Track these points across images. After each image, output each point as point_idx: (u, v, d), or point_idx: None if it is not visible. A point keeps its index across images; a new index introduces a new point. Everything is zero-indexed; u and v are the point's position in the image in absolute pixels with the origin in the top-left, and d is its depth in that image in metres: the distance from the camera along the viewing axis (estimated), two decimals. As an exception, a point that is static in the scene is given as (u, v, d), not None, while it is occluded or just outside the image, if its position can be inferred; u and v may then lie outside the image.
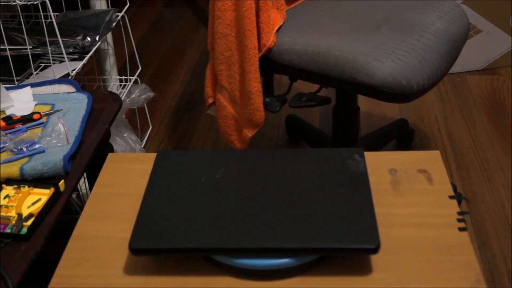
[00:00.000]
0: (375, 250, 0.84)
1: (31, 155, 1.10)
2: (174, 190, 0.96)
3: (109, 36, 1.87)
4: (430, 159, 1.07)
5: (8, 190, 1.04)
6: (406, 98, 1.43)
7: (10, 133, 1.17)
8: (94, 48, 1.61)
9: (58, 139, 1.13)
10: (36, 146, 1.12)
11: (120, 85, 1.94)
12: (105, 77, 1.93)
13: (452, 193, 1.00)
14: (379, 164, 1.06)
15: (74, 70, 1.52)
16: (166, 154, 1.04)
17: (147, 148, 2.02)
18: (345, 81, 1.40)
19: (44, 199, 1.01)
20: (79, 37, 1.61)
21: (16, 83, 1.48)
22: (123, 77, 1.94)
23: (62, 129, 1.15)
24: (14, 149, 1.11)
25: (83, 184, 1.53)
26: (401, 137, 2.00)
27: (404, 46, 1.42)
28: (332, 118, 1.70)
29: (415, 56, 1.40)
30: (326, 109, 2.08)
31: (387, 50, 1.40)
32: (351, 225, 0.87)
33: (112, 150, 1.31)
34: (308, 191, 0.94)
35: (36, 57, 1.59)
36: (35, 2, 1.44)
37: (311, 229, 0.87)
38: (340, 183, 0.95)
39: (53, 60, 1.55)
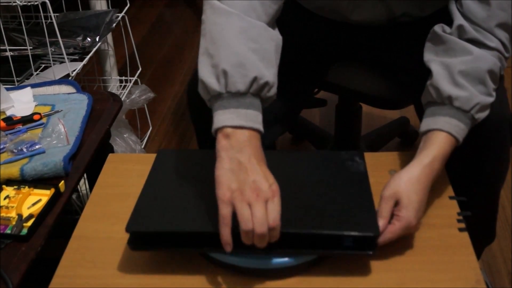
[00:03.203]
0: (374, 238, 0.84)
1: (31, 156, 1.10)
2: (172, 185, 0.96)
3: (109, 36, 1.87)
4: (430, 160, 1.07)
5: (9, 191, 1.04)
6: (399, 105, 1.44)
7: (10, 133, 1.17)
8: (95, 49, 1.61)
9: (58, 140, 1.13)
10: (36, 146, 1.12)
11: (120, 85, 1.94)
12: (105, 77, 1.93)
13: (452, 194, 1.00)
14: (379, 164, 1.06)
15: (74, 70, 1.52)
16: (166, 152, 1.04)
17: (147, 149, 2.02)
18: (342, 87, 1.39)
19: (44, 199, 1.01)
20: (79, 38, 1.61)
21: (16, 83, 1.48)
22: (123, 78, 1.94)
23: (62, 129, 1.15)
24: (14, 150, 1.11)
25: (83, 184, 1.53)
26: (404, 136, 2.00)
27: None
28: (335, 117, 1.71)
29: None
30: (326, 109, 2.08)
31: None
32: (352, 216, 0.87)
33: (112, 151, 1.31)
34: (309, 192, 0.94)
35: (36, 57, 1.59)
36: (35, 3, 1.44)
37: (311, 224, 0.87)
38: (341, 183, 0.96)
39: (53, 60, 1.55)
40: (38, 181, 1.06)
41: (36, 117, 1.21)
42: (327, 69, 1.33)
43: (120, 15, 1.77)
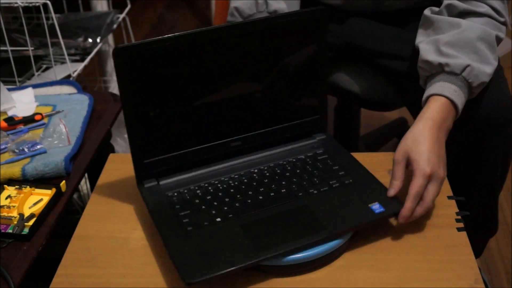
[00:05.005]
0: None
1: (32, 156, 1.11)
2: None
3: (110, 37, 1.87)
4: (429, 160, 1.07)
5: (10, 190, 1.05)
6: (389, 106, 1.44)
7: (11, 134, 1.18)
8: (96, 50, 1.61)
9: (59, 140, 1.14)
10: (38, 146, 1.12)
11: (121, 86, 1.95)
12: (106, 78, 1.94)
13: (451, 193, 1.00)
14: (378, 164, 1.06)
15: (75, 71, 1.52)
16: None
17: (148, 149, 2.03)
18: (336, 88, 1.39)
19: (46, 199, 1.02)
20: (81, 39, 1.61)
21: (18, 84, 1.49)
22: (124, 78, 1.94)
23: (64, 130, 1.16)
24: (16, 150, 1.12)
25: (84, 184, 1.54)
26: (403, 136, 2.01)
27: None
28: (334, 118, 1.71)
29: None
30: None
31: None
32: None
33: (113, 151, 1.31)
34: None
35: (37, 58, 1.59)
36: (37, 4, 1.45)
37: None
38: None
39: (54, 61, 1.55)
40: (39, 181, 1.06)
41: (37, 117, 1.21)
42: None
43: (121, 16, 1.77)
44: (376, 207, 0.91)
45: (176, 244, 0.87)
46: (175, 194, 0.96)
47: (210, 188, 0.97)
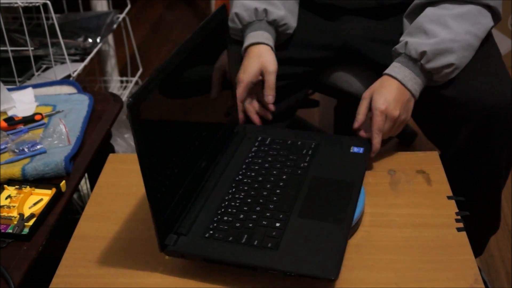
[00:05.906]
0: None
1: (32, 156, 1.11)
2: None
3: (110, 37, 1.87)
4: (429, 160, 1.07)
5: (10, 190, 1.05)
6: None
7: (11, 134, 1.18)
8: (96, 50, 1.61)
9: (59, 140, 1.14)
10: (38, 147, 1.12)
11: (121, 86, 1.95)
12: (106, 78, 1.94)
13: (451, 194, 1.00)
14: (378, 164, 1.07)
15: (75, 71, 1.52)
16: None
17: (148, 149, 2.03)
18: (334, 89, 1.39)
19: (46, 199, 1.02)
20: (81, 39, 1.61)
21: (18, 84, 1.49)
22: (124, 78, 1.95)
23: (64, 130, 1.16)
24: (15, 150, 1.12)
25: (84, 184, 1.54)
26: (403, 136, 2.00)
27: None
28: (334, 118, 1.71)
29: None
30: (325, 110, 2.09)
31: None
32: None
33: (113, 151, 1.31)
34: None
35: (37, 58, 1.59)
36: (37, 4, 1.45)
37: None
38: None
39: (54, 61, 1.55)
40: (39, 181, 1.06)
41: (37, 117, 1.21)
42: (322, 67, 1.33)
43: (121, 16, 1.77)
44: (356, 150, 1.03)
45: (279, 262, 0.83)
46: (211, 232, 0.88)
47: (230, 209, 0.92)
